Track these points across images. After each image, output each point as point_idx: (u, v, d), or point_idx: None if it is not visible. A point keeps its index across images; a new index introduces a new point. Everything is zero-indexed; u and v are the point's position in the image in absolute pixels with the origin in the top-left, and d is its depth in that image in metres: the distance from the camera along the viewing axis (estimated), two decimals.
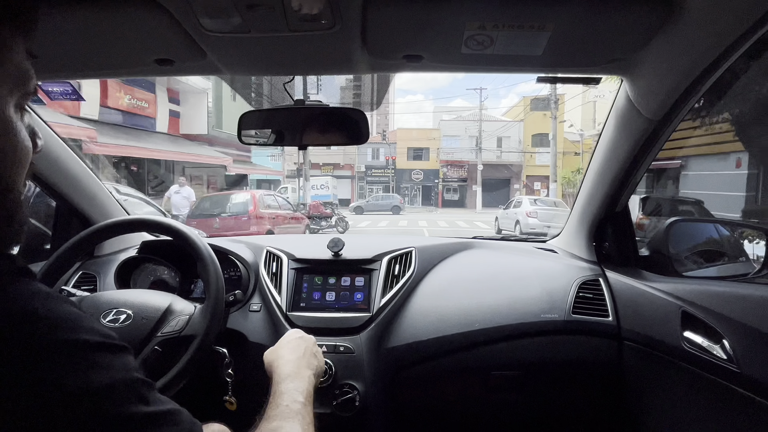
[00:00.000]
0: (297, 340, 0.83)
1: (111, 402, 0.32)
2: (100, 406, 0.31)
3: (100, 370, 0.32)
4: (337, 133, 1.07)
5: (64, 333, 0.31)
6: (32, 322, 0.30)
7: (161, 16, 0.72)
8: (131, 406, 0.33)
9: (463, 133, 28.51)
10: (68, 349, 0.31)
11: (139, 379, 0.35)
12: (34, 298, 0.31)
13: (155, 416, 0.34)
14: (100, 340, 0.33)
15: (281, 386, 0.68)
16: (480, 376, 1.16)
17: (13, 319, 0.30)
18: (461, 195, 29.83)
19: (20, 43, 0.40)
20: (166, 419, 0.35)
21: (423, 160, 30.88)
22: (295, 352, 0.78)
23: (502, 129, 27.58)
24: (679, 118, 0.97)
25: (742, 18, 0.68)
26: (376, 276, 1.21)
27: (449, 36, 0.79)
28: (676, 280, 1.07)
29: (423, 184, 30.56)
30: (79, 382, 0.31)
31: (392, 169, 30.24)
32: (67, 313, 0.32)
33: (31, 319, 0.30)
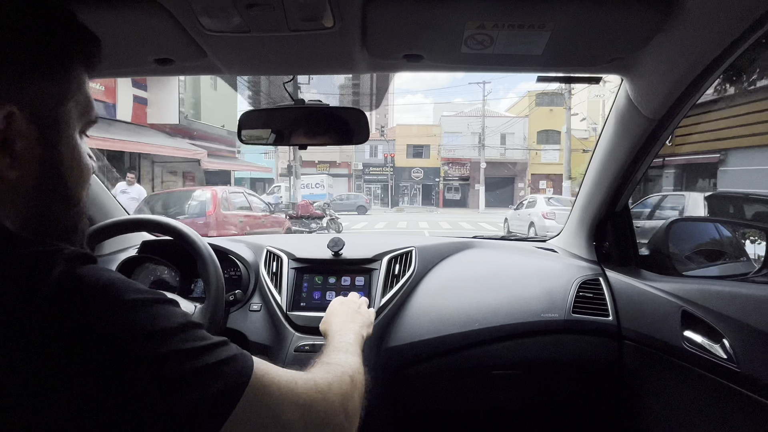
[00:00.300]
0: (339, 306, 0.93)
1: (176, 342, 0.39)
2: (168, 347, 0.38)
3: (162, 318, 0.39)
4: (337, 133, 1.07)
5: (127, 294, 0.38)
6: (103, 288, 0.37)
7: (161, 16, 0.72)
8: (193, 342, 0.40)
9: (465, 130, 26.77)
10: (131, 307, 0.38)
11: (187, 322, 0.41)
12: (98, 272, 0.39)
13: (212, 346, 0.42)
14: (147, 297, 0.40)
15: (330, 342, 0.76)
16: (480, 375, 1.16)
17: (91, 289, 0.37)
18: (463, 194, 28.34)
19: (87, 78, 0.48)
20: (220, 346, 0.43)
21: (423, 157, 29.20)
22: (339, 315, 0.88)
23: (506, 125, 25.84)
24: (679, 117, 0.97)
25: (742, 17, 0.68)
26: (376, 275, 1.21)
27: (449, 35, 0.79)
28: (676, 280, 1.07)
29: (423, 183, 28.94)
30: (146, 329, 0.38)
31: (391, 167, 28.53)
32: (124, 280, 0.40)
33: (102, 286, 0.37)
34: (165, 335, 0.38)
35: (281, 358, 1.09)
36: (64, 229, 0.46)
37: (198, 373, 0.39)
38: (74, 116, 0.46)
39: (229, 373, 0.41)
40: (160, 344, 0.38)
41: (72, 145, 0.46)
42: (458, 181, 28.34)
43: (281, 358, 1.09)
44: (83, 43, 0.46)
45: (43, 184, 0.44)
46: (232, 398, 0.40)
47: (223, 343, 0.43)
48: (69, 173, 0.46)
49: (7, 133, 0.40)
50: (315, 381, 0.51)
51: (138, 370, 0.36)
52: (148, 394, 0.36)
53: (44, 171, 0.43)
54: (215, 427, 0.39)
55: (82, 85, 0.47)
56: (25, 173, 0.42)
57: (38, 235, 0.42)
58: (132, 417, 0.35)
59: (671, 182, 11.42)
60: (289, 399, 0.46)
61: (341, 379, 0.57)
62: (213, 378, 0.40)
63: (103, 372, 0.35)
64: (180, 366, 0.38)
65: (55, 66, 0.44)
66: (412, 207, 26.91)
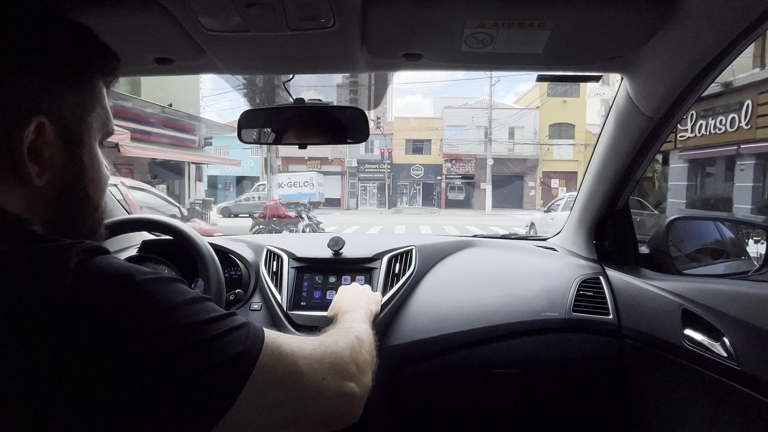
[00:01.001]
0: (345, 292, 0.96)
1: (192, 313, 0.42)
2: (185, 318, 0.41)
3: (175, 293, 0.42)
4: (337, 132, 1.07)
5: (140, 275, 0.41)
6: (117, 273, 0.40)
7: (161, 16, 0.72)
8: (206, 313, 0.43)
9: (469, 123, 23.94)
10: (144, 286, 0.40)
11: (198, 296, 0.44)
12: (112, 260, 0.41)
13: (224, 316, 0.44)
14: (157, 276, 0.42)
15: (336, 319, 0.79)
16: (480, 374, 1.17)
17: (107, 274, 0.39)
18: (467, 194, 25.47)
19: (106, 92, 0.51)
20: (231, 316, 0.45)
21: (424, 153, 26.07)
22: (345, 299, 0.91)
23: (514, 118, 22.98)
24: (679, 115, 0.97)
25: (742, 15, 0.68)
26: (376, 275, 1.21)
27: (449, 34, 0.79)
28: (676, 278, 1.07)
29: (423, 182, 25.87)
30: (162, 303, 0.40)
31: (388, 164, 25.47)
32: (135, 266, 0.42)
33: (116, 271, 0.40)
34: (180, 308, 0.41)
35: None
36: (84, 233, 0.49)
37: (217, 338, 0.42)
38: (95, 128, 0.50)
39: (245, 336, 0.44)
40: (177, 316, 0.40)
41: (93, 154, 0.50)
42: (462, 179, 25.57)
43: None
44: (105, 59, 0.50)
45: (67, 191, 0.47)
46: (251, 358, 0.43)
47: (233, 313, 0.47)
48: (90, 181, 0.49)
49: (37, 142, 0.43)
50: (321, 340, 0.55)
51: (159, 341, 0.38)
52: (171, 363, 0.38)
53: (68, 178, 0.47)
54: (239, 386, 0.42)
55: (102, 99, 0.50)
56: (51, 180, 0.45)
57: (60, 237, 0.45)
58: (157, 387, 0.38)
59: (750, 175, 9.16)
60: (302, 355, 0.49)
61: (347, 337, 0.60)
62: (231, 342, 0.43)
63: (126, 347, 0.37)
64: (200, 333, 0.41)
65: (82, 80, 0.48)
66: (412, 208, 24.54)
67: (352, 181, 26.40)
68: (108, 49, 0.50)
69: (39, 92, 0.44)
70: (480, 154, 23.36)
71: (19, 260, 0.38)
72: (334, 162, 25.71)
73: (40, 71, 0.44)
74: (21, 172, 0.43)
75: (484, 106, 22.92)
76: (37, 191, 0.44)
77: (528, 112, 23.26)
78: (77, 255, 0.39)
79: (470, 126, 24.00)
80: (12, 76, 0.43)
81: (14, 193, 0.43)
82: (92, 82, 0.49)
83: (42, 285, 0.37)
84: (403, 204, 25.35)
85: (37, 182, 0.44)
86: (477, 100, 24.51)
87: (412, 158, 25.95)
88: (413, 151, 26.19)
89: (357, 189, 26.32)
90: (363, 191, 26.39)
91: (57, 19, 0.47)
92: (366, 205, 25.46)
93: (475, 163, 24.33)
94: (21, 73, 0.43)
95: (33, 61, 0.44)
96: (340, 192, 25.76)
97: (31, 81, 0.43)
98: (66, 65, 0.46)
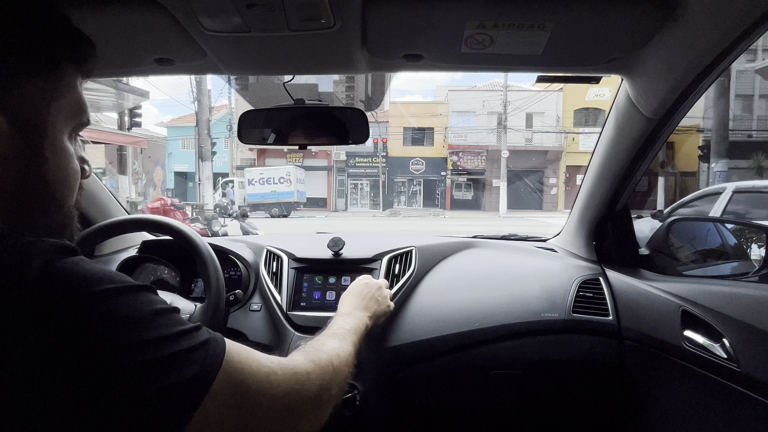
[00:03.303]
0: (361, 286, 0.94)
1: (141, 330, 0.39)
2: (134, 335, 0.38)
3: (135, 306, 0.40)
4: (338, 133, 1.07)
5: (102, 285, 0.38)
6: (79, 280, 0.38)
7: (161, 16, 0.72)
8: (166, 328, 0.40)
9: (479, 109, 19.55)
10: (106, 297, 0.38)
11: (162, 308, 0.42)
12: (75, 264, 0.39)
13: (186, 332, 0.42)
14: (121, 285, 0.40)
15: (334, 321, 0.78)
16: (480, 375, 1.17)
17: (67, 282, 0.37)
18: (476, 193, 21.21)
19: (80, 80, 0.47)
20: (194, 332, 0.43)
21: (425, 144, 21.31)
22: (356, 297, 0.89)
23: (533, 102, 18.23)
24: (679, 117, 0.97)
25: (742, 16, 0.68)
26: (376, 275, 1.21)
27: (449, 35, 0.79)
28: (676, 279, 1.07)
29: (425, 178, 21.43)
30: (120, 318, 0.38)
31: (383, 157, 20.90)
32: (99, 270, 0.40)
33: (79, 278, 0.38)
34: (140, 322, 0.39)
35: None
36: (51, 232, 0.45)
37: (172, 358, 0.40)
38: (62, 119, 0.45)
39: (202, 358, 0.42)
40: (134, 332, 0.38)
41: (58, 148, 0.45)
42: (470, 175, 20.98)
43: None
44: (75, 45, 0.46)
45: (26, 187, 0.43)
46: (204, 384, 0.41)
47: (196, 328, 0.44)
48: (53, 177, 0.45)
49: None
50: (295, 371, 0.52)
51: (113, 358, 0.36)
52: (121, 381, 0.37)
53: (27, 173, 0.43)
54: (190, 409, 0.40)
55: (72, 88, 0.46)
56: (8, 174, 0.42)
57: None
58: (108, 405, 0.36)
59: None
60: (264, 387, 0.47)
61: (323, 370, 0.57)
62: (187, 363, 0.40)
63: (82, 362, 0.35)
64: (155, 353, 0.39)
65: (42, 69, 0.43)
66: (411, 209, 20.52)
67: (340, 177, 21.91)
68: (78, 34, 0.46)
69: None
70: (492, 146, 19.44)
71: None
72: (318, 155, 21.12)
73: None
74: None
75: (497, 88, 18.67)
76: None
77: (548, 94, 18.50)
78: (41, 255, 0.37)
79: (480, 112, 19.73)
80: None
81: None
82: (58, 69, 0.45)
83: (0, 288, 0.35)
84: (400, 205, 21.50)
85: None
86: (488, 83, 20.14)
87: (412, 150, 21.39)
88: (413, 142, 21.53)
89: (346, 187, 21.91)
90: (353, 189, 22.10)
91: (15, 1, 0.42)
92: (357, 205, 21.71)
93: (486, 155, 20.22)
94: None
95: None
96: (326, 190, 21.60)
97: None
98: (23, 52, 0.42)
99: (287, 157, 20.09)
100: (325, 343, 0.67)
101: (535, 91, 18.35)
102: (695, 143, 12.08)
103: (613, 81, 1.04)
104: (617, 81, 1.04)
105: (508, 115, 17.89)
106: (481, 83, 20.59)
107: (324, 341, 0.67)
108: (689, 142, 13.32)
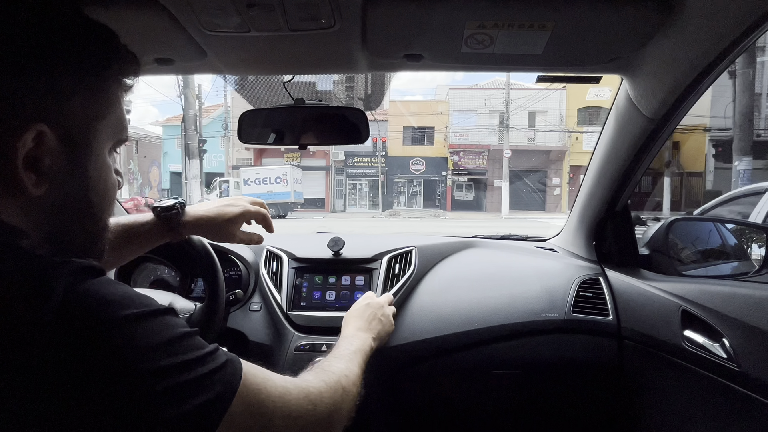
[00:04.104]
0: (363, 307, 0.96)
1: (165, 356, 0.39)
2: (157, 362, 0.38)
3: (157, 332, 0.39)
4: (337, 133, 1.07)
5: (125, 310, 0.38)
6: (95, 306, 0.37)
7: (161, 16, 0.72)
8: (186, 354, 0.41)
9: (481, 107, 19.24)
10: (128, 324, 0.38)
11: (182, 333, 0.42)
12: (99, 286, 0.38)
13: (205, 356, 0.42)
14: (144, 310, 0.39)
15: (339, 343, 0.80)
16: (480, 375, 1.17)
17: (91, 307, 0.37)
18: (477, 193, 20.89)
19: (123, 98, 0.48)
20: (212, 355, 0.43)
21: (425, 144, 20.96)
22: (359, 319, 0.91)
23: (535, 100, 17.98)
24: (679, 117, 0.97)
25: (742, 17, 0.68)
26: (376, 275, 1.21)
27: (449, 35, 0.79)
28: (676, 279, 1.07)
29: (425, 178, 21.06)
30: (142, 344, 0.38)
31: (383, 156, 20.50)
32: (122, 294, 0.39)
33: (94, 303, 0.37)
34: (162, 349, 0.39)
35: (281, 358, 1.09)
36: (83, 245, 0.47)
37: (194, 382, 0.40)
38: (105, 135, 0.46)
39: (220, 381, 0.42)
40: (158, 358, 0.38)
41: (100, 163, 0.46)
42: (472, 175, 20.65)
43: (281, 357, 1.09)
44: (122, 62, 0.46)
45: (68, 202, 0.44)
46: (222, 406, 0.42)
47: (215, 350, 0.44)
48: (94, 191, 0.46)
49: (36, 150, 0.40)
50: (308, 391, 0.53)
51: (136, 384, 0.37)
52: (144, 406, 0.37)
53: (70, 189, 0.44)
54: (209, 430, 0.40)
55: (116, 104, 0.47)
56: (51, 190, 0.42)
57: (57, 249, 0.43)
58: (125, 428, 0.36)
59: None
60: (279, 407, 0.47)
61: (334, 390, 0.59)
62: (208, 386, 0.41)
63: (104, 388, 0.36)
64: (178, 377, 0.39)
65: (93, 85, 0.44)
66: (411, 210, 20.11)
67: (338, 177, 21.49)
68: (127, 50, 0.47)
69: (41, 96, 0.40)
70: (494, 145, 19.22)
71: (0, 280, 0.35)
72: (316, 155, 20.82)
73: (43, 72, 0.40)
74: (15, 183, 0.39)
75: (498, 87, 18.47)
76: (35, 201, 0.41)
77: (551, 92, 18.09)
78: (66, 277, 0.37)
79: (482, 110, 19.43)
80: (8, 77, 0.38)
81: (9, 203, 0.40)
82: (105, 86, 0.45)
83: (24, 311, 0.35)
84: (400, 205, 21.14)
85: (35, 192, 0.40)
86: (490, 81, 19.77)
87: (412, 150, 21.02)
88: (413, 142, 21.17)
89: (345, 187, 21.48)
90: (352, 190, 21.70)
91: (68, 14, 0.42)
92: (356, 206, 21.38)
93: (487, 155, 19.87)
94: (19, 73, 0.39)
95: (36, 60, 0.39)
96: (324, 190, 21.27)
97: (32, 83, 0.39)
98: (76, 66, 0.42)
99: (284, 156, 20.00)
100: (333, 364, 0.68)
101: (538, 89, 17.75)
102: (700, 142, 11.94)
103: (613, 81, 1.04)
104: (617, 81, 1.04)
105: (510, 114, 17.71)
106: (483, 81, 20.32)
107: (332, 362, 0.69)
108: (693, 142, 13.26)
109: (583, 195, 1.31)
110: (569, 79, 1.04)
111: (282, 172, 16.54)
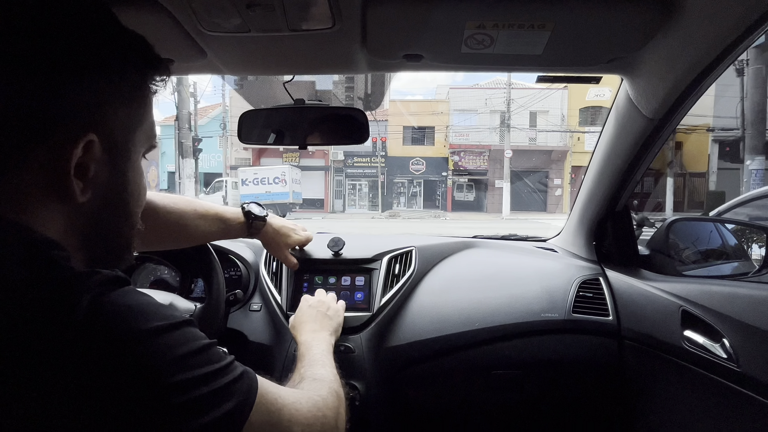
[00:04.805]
0: (306, 309, 0.96)
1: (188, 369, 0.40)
2: (181, 374, 0.39)
3: (180, 345, 0.40)
4: (338, 133, 1.07)
5: (148, 323, 0.39)
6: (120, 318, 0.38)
7: (161, 16, 0.72)
8: (208, 366, 0.41)
9: (482, 107, 19.06)
10: (151, 337, 0.38)
11: (203, 345, 0.42)
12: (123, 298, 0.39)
13: (225, 367, 0.43)
14: (168, 323, 0.40)
15: (305, 353, 0.80)
16: (480, 375, 1.17)
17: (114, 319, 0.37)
18: (478, 194, 20.62)
19: (153, 105, 0.50)
20: (230, 365, 0.44)
21: (425, 144, 20.73)
22: (308, 322, 0.91)
23: (536, 100, 17.70)
24: (679, 117, 0.97)
25: (742, 16, 0.68)
26: (376, 275, 1.21)
27: (449, 35, 0.79)
28: (676, 279, 1.07)
29: (425, 179, 20.81)
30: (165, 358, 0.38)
31: (382, 157, 20.20)
32: (146, 306, 0.40)
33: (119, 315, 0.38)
34: (185, 361, 0.40)
35: (281, 358, 1.09)
36: (119, 248, 0.49)
37: (215, 394, 0.41)
38: (141, 141, 0.48)
39: (238, 391, 0.43)
40: (181, 371, 0.39)
41: (136, 168, 0.48)
42: (473, 175, 20.39)
43: (281, 358, 1.09)
44: (158, 69, 0.48)
45: (108, 207, 0.46)
46: (242, 416, 0.43)
47: (232, 361, 0.45)
48: (131, 195, 0.48)
49: (84, 158, 0.41)
50: (315, 400, 0.56)
51: (160, 397, 0.37)
52: (166, 419, 0.38)
53: (111, 194, 0.46)
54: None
55: (150, 111, 0.49)
56: (94, 197, 0.43)
57: (91, 256, 0.45)
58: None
59: None
60: (294, 416, 0.50)
61: (331, 395, 0.62)
62: (228, 397, 0.42)
63: (127, 400, 0.36)
64: (200, 390, 0.40)
65: (135, 94, 0.46)
66: (411, 211, 19.88)
67: (338, 177, 21.12)
68: (161, 59, 0.49)
69: (93, 106, 0.42)
70: (495, 145, 18.98)
71: (29, 290, 0.36)
72: (315, 155, 20.51)
73: (93, 83, 0.41)
74: (65, 190, 0.41)
75: (500, 86, 18.17)
76: (78, 208, 0.43)
77: (553, 92, 17.69)
78: (92, 289, 0.37)
79: (483, 110, 19.20)
80: (66, 88, 0.40)
81: (53, 210, 0.41)
82: (144, 94, 0.47)
83: (50, 322, 0.35)
84: (400, 206, 20.84)
85: (80, 199, 0.42)
86: (491, 80, 19.62)
87: (412, 150, 20.76)
88: (413, 141, 20.95)
89: (344, 187, 21.20)
90: (351, 190, 21.45)
91: (114, 27, 0.44)
92: (355, 207, 21.18)
93: (488, 155, 19.68)
94: (76, 84, 0.40)
95: (88, 71, 0.41)
96: (324, 191, 20.94)
97: (85, 94, 0.41)
98: (123, 78, 0.44)
99: (283, 156, 19.80)
100: (317, 371, 0.70)
101: (540, 88, 17.29)
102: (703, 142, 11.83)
103: (613, 81, 1.04)
104: (617, 81, 1.04)
105: (511, 114, 17.42)
106: (484, 81, 20.11)
107: (314, 370, 0.71)
108: (695, 142, 13.21)
109: (583, 195, 1.31)
110: (569, 79, 1.04)
111: (280, 173, 16.45)
